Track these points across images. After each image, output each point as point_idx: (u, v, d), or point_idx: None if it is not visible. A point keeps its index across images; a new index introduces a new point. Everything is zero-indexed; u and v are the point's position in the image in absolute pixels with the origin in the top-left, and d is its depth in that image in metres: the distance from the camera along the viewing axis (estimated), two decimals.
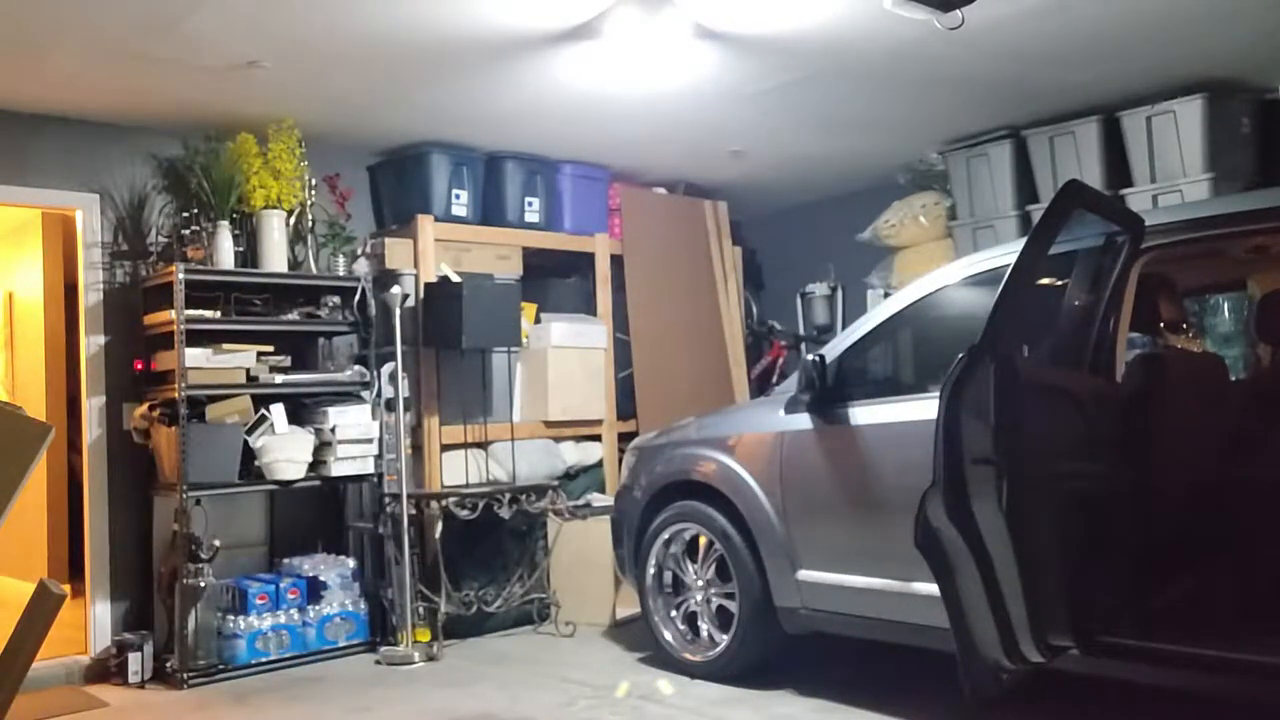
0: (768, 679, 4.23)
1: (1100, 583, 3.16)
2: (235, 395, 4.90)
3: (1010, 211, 5.64)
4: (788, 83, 4.82)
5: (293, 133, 5.10)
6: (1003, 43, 4.38)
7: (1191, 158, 4.95)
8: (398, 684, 4.60)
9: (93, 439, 4.98)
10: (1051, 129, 5.43)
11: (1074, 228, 3.26)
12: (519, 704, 4.18)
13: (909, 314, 4.01)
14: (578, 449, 6.03)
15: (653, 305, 6.44)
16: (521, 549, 5.55)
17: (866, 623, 3.86)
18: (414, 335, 5.37)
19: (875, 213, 6.27)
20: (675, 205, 6.79)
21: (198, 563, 4.67)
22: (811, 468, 4.03)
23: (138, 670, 4.73)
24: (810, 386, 4.00)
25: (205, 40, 4.06)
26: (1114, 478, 3.27)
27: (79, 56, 4.19)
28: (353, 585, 5.16)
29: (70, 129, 4.97)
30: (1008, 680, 2.98)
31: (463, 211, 5.73)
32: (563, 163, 6.11)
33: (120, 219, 5.10)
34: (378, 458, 5.19)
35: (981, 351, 2.87)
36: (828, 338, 6.16)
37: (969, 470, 2.85)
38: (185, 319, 4.71)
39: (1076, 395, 3.28)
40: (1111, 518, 3.23)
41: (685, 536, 4.55)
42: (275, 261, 5.09)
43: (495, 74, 4.57)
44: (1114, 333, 3.39)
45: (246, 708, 4.33)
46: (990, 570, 2.86)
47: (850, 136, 5.76)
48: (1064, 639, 3.01)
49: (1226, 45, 4.55)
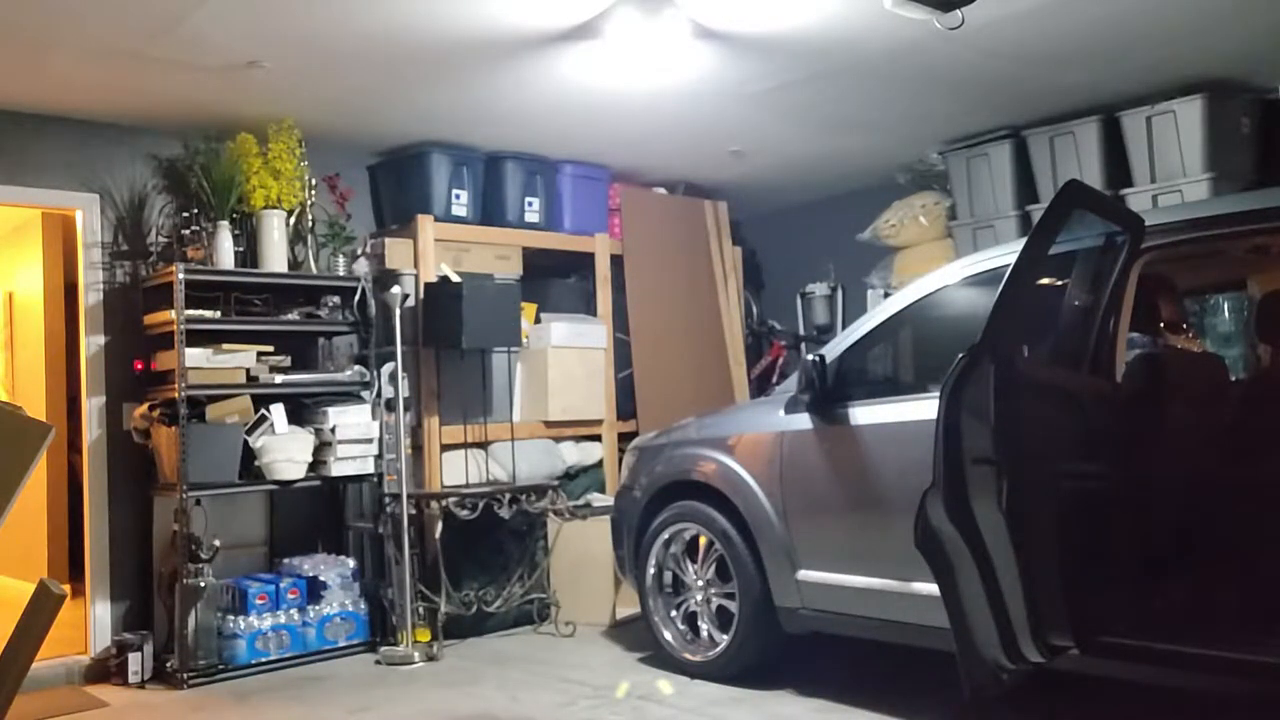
0: (768, 679, 4.22)
1: (1100, 583, 3.16)
2: (235, 395, 4.90)
3: (1010, 211, 5.64)
4: (788, 83, 4.82)
5: (293, 133, 5.10)
6: (1003, 43, 4.38)
7: (1191, 158, 4.96)
8: (398, 684, 4.60)
9: (93, 439, 4.98)
10: (1051, 129, 5.43)
11: (1074, 228, 3.25)
12: (519, 704, 4.19)
13: (909, 314, 4.01)
14: (578, 449, 6.03)
15: (653, 305, 6.44)
16: (521, 549, 5.55)
17: (866, 623, 3.86)
18: (414, 335, 5.37)
19: (875, 213, 6.27)
20: (675, 205, 6.79)
21: (198, 563, 4.67)
22: (811, 468, 4.03)
23: (138, 670, 4.73)
24: (810, 386, 4.00)
25: (205, 40, 4.06)
26: (1114, 478, 3.27)
27: (79, 56, 4.20)
28: (353, 585, 5.16)
29: (70, 129, 4.97)
30: (1008, 680, 2.98)
31: (463, 211, 5.73)
32: (563, 163, 6.11)
33: (120, 219, 5.10)
34: (378, 458, 5.19)
35: (981, 351, 2.87)
36: (828, 338, 6.16)
37: (969, 470, 2.85)
38: (185, 319, 4.71)
39: (1076, 395, 3.28)
40: (1111, 518, 3.23)
41: (685, 536, 4.55)
42: (275, 261, 5.09)
43: (495, 74, 4.57)
44: (1114, 333, 3.39)
45: (246, 708, 4.34)
46: (990, 570, 2.86)
47: (850, 136, 5.76)
48: (1064, 639, 3.00)
49: (1226, 45, 4.55)
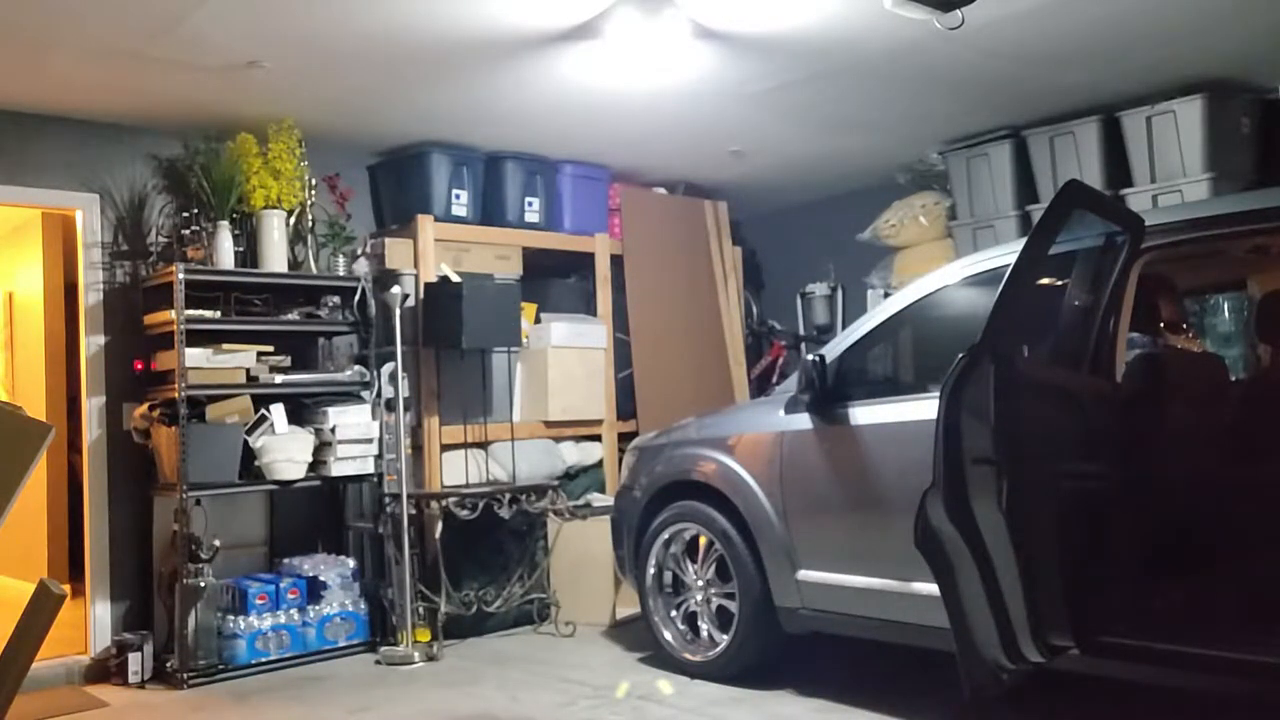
0: (768, 679, 4.22)
1: (1100, 583, 3.16)
2: (235, 395, 4.90)
3: (1010, 211, 5.64)
4: (788, 83, 4.82)
5: (293, 133, 5.10)
6: (1003, 43, 4.38)
7: (1191, 158, 4.95)
8: (398, 684, 4.60)
9: (93, 439, 4.98)
10: (1051, 129, 5.43)
11: (1074, 228, 3.26)
12: (519, 704, 4.19)
13: (909, 314, 4.01)
14: (578, 449, 6.03)
15: (653, 305, 6.44)
16: (521, 549, 5.55)
17: (866, 623, 3.86)
18: (414, 335, 5.37)
19: (875, 213, 6.27)
20: (675, 205, 6.79)
21: (198, 563, 4.67)
22: (811, 468, 4.03)
23: (138, 670, 4.73)
24: (810, 386, 4.00)
25: (205, 40, 4.06)
26: (1114, 478, 3.27)
27: (79, 56, 4.20)
28: (353, 585, 5.16)
29: (70, 129, 4.97)
30: (1008, 680, 2.98)
31: (463, 211, 5.73)
32: (563, 163, 6.11)
33: (120, 219, 5.10)
34: (378, 458, 5.19)
35: (981, 351, 2.87)
36: (828, 338, 6.16)
37: (969, 470, 2.85)
38: (185, 319, 4.71)
39: (1076, 395, 3.28)
40: (1111, 517, 3.23)
41: (685, 536, 4.54)
42: (275, 261, 5.09)
43: (495, 74, 4.57)
44: (1114, 333, 3.39)
45: (246, 708, 4.34)
46: (990, 570, 2.86)
47: (850, 136, 5.76)
48: (1064, 639, 3.01)
49: (1226, 45, 4.55)
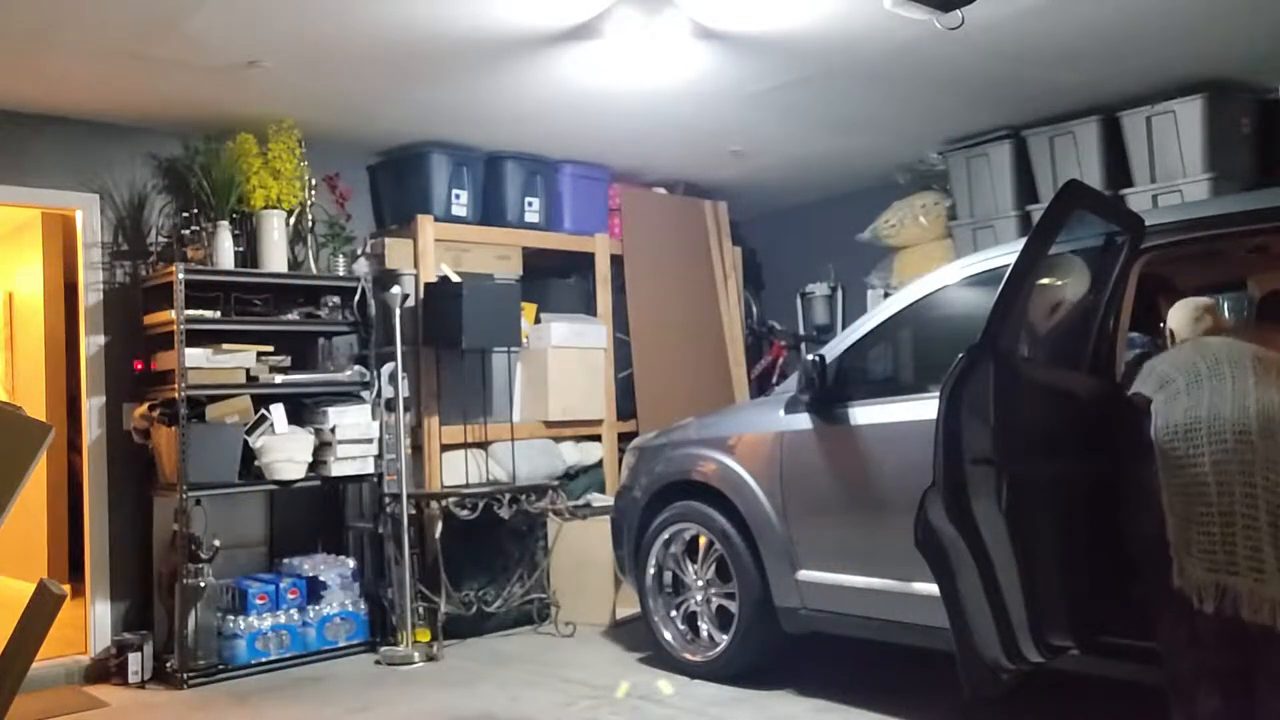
0: (768, 679, 4.23)
1: (1100, 582, 3.16)
2: (235, 395, 4.90)
3: (1010, 211, 5.64)
4: (788, 83, 4.81)
5: (293, 133, 5.10)
6: (1003, 43, 4.38)
7: (1191, 158, 4.95)
8: (398, 684, 4.60)
9: (93, 439, 4.98)
10: (1051, 129, 5.43)
11: (1074, 228, 3.26)
12: (519, 704, 4.19)
13: (909, 314, 4.01)
14: (578, 449, 6.03)
15: (653, 305, 6.44)
16: (521, 549, 5.55)
17: (866, 623, 3.86)
18: (414, 335, 5.37)
19: (875, 213, 6.27)
20: (675, 205, 6.79)
21: (198, 563, 4.67)
22: (811, 468, 4.03)
23: (138, 670, 4.73)
24: (810, 386, 4.00)
25: (205, 40, 4.06)
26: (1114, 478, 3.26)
27: (79, 56, 4.19)
28: (353, 585, 5.16)
29: (70, 129, 4.96)
30: (1008, 680, 2.98)
31: (463, 211, 5.73)
32: (563, 163, 6.11)
33: (120, 219, 5.10)
34: (378, 458, 5.19)
35: (981, 351, 2.87)
36: (828, 338, 6.16)
37: (969, 470, 2.85)
38: (185, 319, 4.71)
39: (1076, 395, 3.28)
40: (1111, 518, 3.23)
41: (685, 536, 4.55)
42: (275, 261, 5.09)
43: (495, 74, 4.57)
44: (1114, 333, 3.39)
45: (246, 708, 4.33)
46: (990, 570, 2.86)
47: (850, 136, 5.76)
48: (1064, 639, 3.01)
49: (1226, 45, 4.55)
